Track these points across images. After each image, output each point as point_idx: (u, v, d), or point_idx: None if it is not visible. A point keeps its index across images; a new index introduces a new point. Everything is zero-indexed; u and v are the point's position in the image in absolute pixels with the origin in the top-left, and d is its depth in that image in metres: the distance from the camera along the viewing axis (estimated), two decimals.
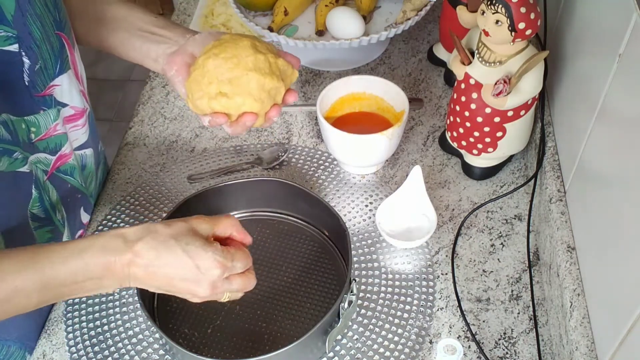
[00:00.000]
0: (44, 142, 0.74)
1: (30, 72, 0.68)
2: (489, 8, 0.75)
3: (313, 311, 0.79)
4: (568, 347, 0.69)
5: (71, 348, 0.78)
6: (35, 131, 0.72)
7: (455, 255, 0.85)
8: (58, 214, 0.79)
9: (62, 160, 0.78)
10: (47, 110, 0.73)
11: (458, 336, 0.77)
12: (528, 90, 0.80)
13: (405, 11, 1.03)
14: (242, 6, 1.09)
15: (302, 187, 0.84)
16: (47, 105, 0.72)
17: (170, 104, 1.07)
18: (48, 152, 0.75)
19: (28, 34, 0.66)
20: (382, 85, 0.93)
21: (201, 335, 0.78)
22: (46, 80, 0.71)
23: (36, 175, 0.74)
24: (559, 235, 0.76)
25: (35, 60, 0.68)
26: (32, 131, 0.72)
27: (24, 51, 0.66)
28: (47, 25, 0.69)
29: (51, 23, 0.69)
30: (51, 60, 0.71)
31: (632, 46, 0.61)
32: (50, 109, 0.73)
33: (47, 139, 0.74)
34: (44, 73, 0.70)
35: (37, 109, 0.71)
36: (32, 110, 0.71)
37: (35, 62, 0.68)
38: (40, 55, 0.69)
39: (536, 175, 0.87)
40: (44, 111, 0.72)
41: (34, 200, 0.74)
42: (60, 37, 0.72)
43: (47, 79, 0.71)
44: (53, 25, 0.70)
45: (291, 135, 1.01)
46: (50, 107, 0.73)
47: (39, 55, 0.68)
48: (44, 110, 0.72)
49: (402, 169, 0.95)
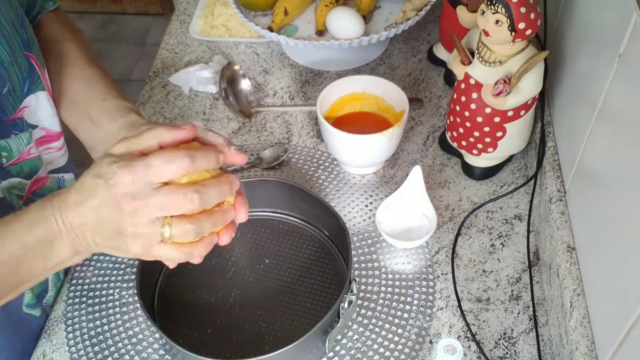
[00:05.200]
0: (17, 167, 0.71)
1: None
2: (489, 8, 0.75)
3: (313, 311, 0.79)
4: (568, 347, 0.69)
5: (71, 348, 0.78)
6: (7, 155, 0.69)
7: (455, 255, 0.85)
8: None
9: (38, 184, 0.75)
10: (20, 134, 0.70)
11: (458, 336, 0.77)
12: (528, 90, 0.80)
13: (405, 11, 1.03)
14: (242, 6, 1.09)
15: (302, 187, 0.84)
16: (19, 129, 0.70)
17: (170, 104, 1.07)
18: (22, 177, 0.72)
19: None
20: (382, 85, 0.93)
21: (201, 335, 0.78)
22: (15, 103, 0.68)
23: (10, 201, 0.71)
24: (559, 235, 0.76)
25: (3, 83, 0.65)
26: (3, 156, 0.69)
27: None
28: (15, 46, 0.67)
29: (19, 44, 0.67)
30: (19, 82, 0.68)
31: (632, 46, 0.61)
32: (23, 132, 0.70)
33: (20, 163, 0.71)
34: (13, 96, 0.68)
35: (8, 133, 0.69)
36: (3, 134, 0.68)
37: (3, 85, 0.66)
38: (9, 77, 0.66)
39: (536, 175, 0.87)
40: (16, 135, 0.69)
41: None
42: (29, 58, 0.69)
43: (16, 102, 0.68)
44: (21, 46, 0.67)
45: (291, 135, 1.01)
46: (22, 130, 0.70)
47: (7, 78, 0.66)
48: (16, 135, 0.69)
49: (402, 169, 0.95)
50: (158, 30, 2.82)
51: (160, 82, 1.11)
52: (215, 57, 1.13)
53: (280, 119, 1.03)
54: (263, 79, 1.10)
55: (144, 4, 2.90)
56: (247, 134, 1.02)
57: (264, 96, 1.07)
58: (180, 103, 1.07)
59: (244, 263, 0.85)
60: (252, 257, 0.85)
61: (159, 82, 1.11)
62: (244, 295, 0.81)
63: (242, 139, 1.01)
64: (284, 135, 1.01)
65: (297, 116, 1.04)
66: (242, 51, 1.16)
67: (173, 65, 1.14)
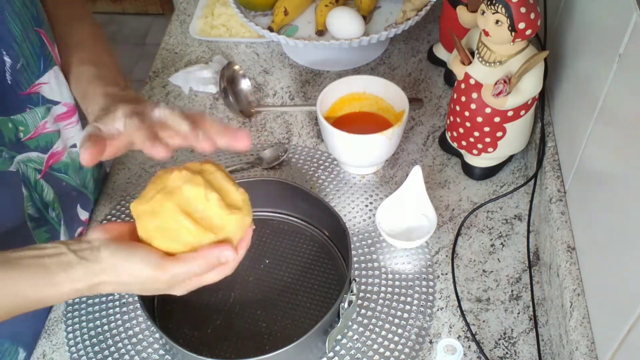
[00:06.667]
0: (34, 141, 0.73)
1: (13, 70, 0.67)
2: (489, 8, 0.75)
3: (313, 311, 0.79)
4: (568, 347, 0.69)
5: (71, 348, 0.78)
6: (24, 130, 0.71)
7: (455, 255, 0.85)
8: (52, 212, 0.79)
9: (54, 158, 0.77)
10: (35, 109, 0.72)
11: (458, 336, 0.77)
12: (528, 90, 0.80)
13: (405, 11, 1.03)
14: (242, 6, 1.09)
15: (302, 187, 0.84)
16: (34, 104, 0.72)
17: (170, 104, 1.07)
18: (39, 151, 0.74)
19: (8, 32, 0.66)
20: (382, 85, 0.93)
21: (201, 335, 0.78)
22: (31, 79, 0.70)
23: (25, 174, 0.73)
24: (559, 235, 0.76)
25: (16, 58, 0.67)
26: (21, 130, 0.71)
27: (5, 50, 0.66)
28: (26, 22, 0.68)
29: (29, 20, 0.69)
30: (33, 58, 0.70)
31: (632, 46, 0.61)
32: (38, 107, 0.72)
33: (37, 137, 0.73)
34: (27, 71, 0.69)
35: (24, 108, 0.71)
36: (18, 109, 0.70)
37: (16, 60, 0.67)
38: (22, 53, 0.68)
39: (536, 175, 0.87)
40: (31, 109, 0.71)
41: (26, 199, 0.74)
42: (39, 34, 0.71)
43: (31, 77, 0.70)
44: (32, 22, 0.69)
45: (291, 135, 1.01)
46: (38, 105, 0.72)
47: (20, 53, 0.68)
48: (31, 109, 0.71)
49: (402, 169, 0.95)
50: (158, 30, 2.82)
51: (160, 82, 1.11)
52: (215, 57, 1.13)
53: (280, 119, 1.03)
54: (263, 79, 1.10)
55: (144, 4, 2.90)
56: None
57: (264, 96, 1.07)
58: (180, 103, 1.07)
59: (244, 263, 0.83)
60: (252, 257, 0.85)
61: (159, 82, 1.11)
62: (244, 295, 0.81)
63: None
64: (284, 135, 1.01)
65: (297, 116, 1.04)
66: (242, 51, 1.16)
67: (173, 65, 1.14)
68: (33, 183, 0.75)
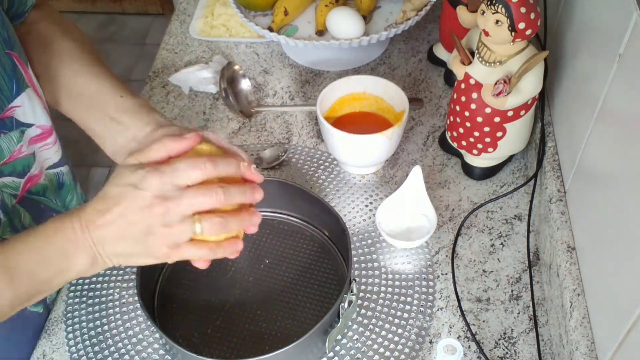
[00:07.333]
0: (10, 166, 0.71)
1: None
2: (489, 8, 0.75)
3: (313, 311, 0.79)
4: (568, 347, 0.69)
5: (71, 348, 0.78)
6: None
7: (455, 255, 0.85)
8: None
9: (32, 181, 0.75)
10: (9, 133, 0.70)
11: (458, 336, 0.77)
12: (528, 90, 0.80)
13: (405, 11, 1.03)
14: (242, 6, 1.09)
15: (302, 187, 0.84)
16: (8, 128, 0.69)
17: (170, 104, 1.07)
18: (15, 176, 0.72)
19: None
20: (382, 85, 0.93)
21: (201, 335, 0.78)
22: (4, 103, 0.68)
23: (2, 199, 0.71)
24: (559, 235, 0.76)
25: None
26: None
27: None
28: None
29: (1, 43, 0.67)
30: (5, 81, 0.68)
31: (632, 46, 0.61)
32: (12, 131, 0.70)
33: (12, 162, 0.71)
34: (0, 95, 0.67)
35: None
36: None
37: None
38: None
39: (536, 175, 0.87)
40: (5, 134, 0.69)
41: (4, 225, 0.72)
42: (11, 57, 0.69)
43: (4, 101, 0.68)
44: (3, 45, 0.67)
45: (291, 135, 1.01)
46: (12, 129, 0.70)
47: None
48: (5, 134, 0.69)
49: (402, 169, 0.95)
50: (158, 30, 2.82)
51: (160, 82, 1.11)
52: (215, 57, 1.13)
53: (280, 119, 1.03)
54: (263, 79, 1.10)
55: (144, 4, 2.90)
56: (247, 134, 1.02)
57: (264, 96, 1.07)
58: (180, 103, 1.07)
59: (244, 263, 0.85)
60: (252, 257, 0.85)
61: (159, 82, 1.11)
62: (244, 295, 0.81)
63: (242, 139, 1.01)
64: (284, 135, 1.01)
65: (297, 116, 1.04)
66: (242, 51, 1.16)
67: (173, 65, 1.14)
68: (11, 208, 0.73)
